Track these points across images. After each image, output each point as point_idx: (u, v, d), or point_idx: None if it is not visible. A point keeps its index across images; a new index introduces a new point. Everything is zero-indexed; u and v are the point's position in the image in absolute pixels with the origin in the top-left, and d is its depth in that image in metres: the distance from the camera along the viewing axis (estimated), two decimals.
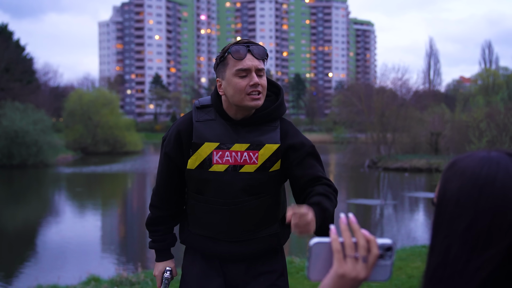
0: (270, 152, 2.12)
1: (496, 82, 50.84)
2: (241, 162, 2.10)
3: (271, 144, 2.12)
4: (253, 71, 2.04)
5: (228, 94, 2.08)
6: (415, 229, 13.97)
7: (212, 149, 2.10)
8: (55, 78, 68.61)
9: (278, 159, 2.13)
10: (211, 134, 2.11)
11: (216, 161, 2.10)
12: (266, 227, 2.20)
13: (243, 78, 2.04)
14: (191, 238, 2.25)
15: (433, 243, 0.89)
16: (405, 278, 5.82)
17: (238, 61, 2.04)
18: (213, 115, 2.15)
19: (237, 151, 2.10)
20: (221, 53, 2.10)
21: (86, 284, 6.26)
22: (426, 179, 25.50)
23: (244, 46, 2.06)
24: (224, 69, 2.09)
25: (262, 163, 2.11)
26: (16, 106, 34.96)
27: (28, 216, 16.93)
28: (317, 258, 0.95)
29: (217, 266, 2.21)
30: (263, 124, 2.15)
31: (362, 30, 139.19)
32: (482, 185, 0.84)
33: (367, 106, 37.18)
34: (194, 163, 2.12)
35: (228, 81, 2.06)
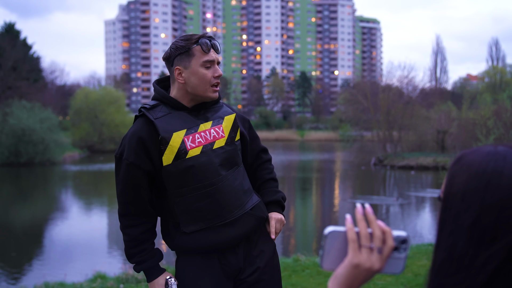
0: (230, 122, 2.31)
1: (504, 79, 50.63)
2: (212, 139, 2.22)
3: (228, 115, 2.32)
4: (216, 63, 2.22)
5: (192, 83, 2.20)
6: (421, 227, 13.93)
7: (182, 136, 2.16)
8: (61, 77, 68.96)
9: (238, 127, 2.34)
10: (175, 124, 2.18)
11: (190, 146, 2.16)
12: (249, 198, 2.31)
13: (208, 69, 2.20)
14: (187, 239, 2.22)
15: (439, 238, 0.88)
16: (412, 276, 5.80)
17: (205, 53, 2.19)
18: (166, 110, 2.22)
19: (205, 130, 2.22)
20: (184, 43, 2.20)
21: (93, 281, 6.27)
22: (432, 177, 25.43)
23: (209, 40, 2.22)
24: (188, 59, 2.19)
25: (228, 134, 2.28)
26: (23, 104, 35.13)
27: (35, 214, 17.00)
28: (331, 247, 0.94)
29: (216, 262, 2.23)
30: (212, 106, 2.31)
31: (368, 27, 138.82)
32: (489, 180, 0.84)
33: (373, 104, 37.11)
34: (170, 157, 2.14)
35: (194, 71, 2.19)
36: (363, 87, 40.08)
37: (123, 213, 2.27)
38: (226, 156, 2.23)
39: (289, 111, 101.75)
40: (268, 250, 2.32)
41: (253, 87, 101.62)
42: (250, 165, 2.48)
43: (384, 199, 18.73)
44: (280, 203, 2.43)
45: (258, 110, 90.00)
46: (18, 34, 44.12)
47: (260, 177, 2.48)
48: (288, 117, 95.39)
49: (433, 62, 74.24)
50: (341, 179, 27.72)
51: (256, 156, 2.49)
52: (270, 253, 2.33)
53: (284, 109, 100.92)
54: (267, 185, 2.47)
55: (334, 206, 17.81)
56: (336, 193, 21.73)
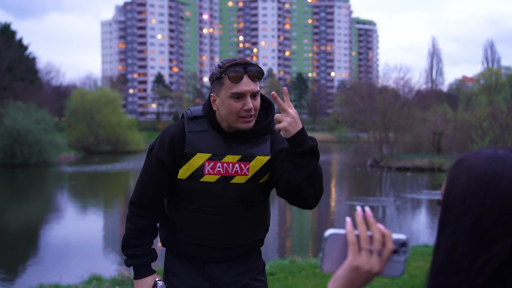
0: (261, 164, 2.15)
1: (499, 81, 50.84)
2: (233, 173, 2.12)
3: (262, 156, 2.15)
4: (248, 95, 2.06)
5: (222, 113, 2.11)
6: (417, 228, 13.96)
7: (204, 159, 2.11)
8: (57, 78, 68.90)
9: (268, 170, 2.17)
10: (203, 145, 2.12)
11: (208, 172, 2.11)
12: (254, 235, 2.26)
13: (237, 101, 2.06)
14: (178, 244, 2.25)
15: (439, 240, 0.88)
16: (407, 277, 5.81)
17: (234, 84, 2.04)
18: (205, 126, 2.16)
19: (229, 163, 2.12)
20: (218, 71, 2.09)
21: (88, 283, 6.25)
22: (428, 179, 25.49)
23: (242, 68, 2.05)
24: (219, 87, 2.09)
25: (253, 175, 2.14)
26: (19, 105, 35.07)
27: (30, 215, 16.96)
28: (331, 249, 0.95)
29: (201, 268, 2.23)
30: (253, 138, 2.17)
31: (365, 29, 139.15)
32: (489, 183, 0.84)
33: (370, 105, 37.20)
34: (186, 173, 2.13)
35: (223, 101, 2.08)
36: (360, 88, 40.17)
37: (135, 202, 2.24)
38: (242, 193, 2.15)
39: None
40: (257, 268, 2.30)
41: None
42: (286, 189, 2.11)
43: (381, 200, 18.76)
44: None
45: None
46: (14, 34, 44.04)
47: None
48: None
49: (429, 64, 74.46)
50: (338, 180, 27.76)
51: None
52: (259, 270, 2.30)
53: None
54: None
55: (331, 207, 17.82)
56: (333, 194, 21.75)
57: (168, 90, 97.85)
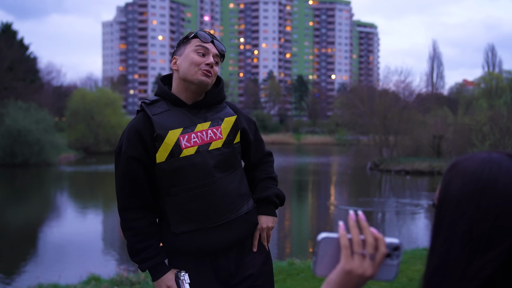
0: (230, 124, 2.25)
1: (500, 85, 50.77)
2: (208, 140, 2.18)
3: (229, 117, 2.27)
4: (211, 53, 2.21)
5: (182, 68, 2.19)
6: (416, 232, 13.94)
7: (177, 135, 2.13)
8: (58, 78, 68.71)
9: (238, 130, 2.28)
10: (172, 122, 2.15)
11: (185, 145, 2.13)
12: (244, 203, 2.26)
13: (200, 56, 2.18)
14: (177, 241, 2.17)
15: (434, 245, 0.89)
16: (406, 280, 5.80)
17: (202, 42, 2.20)
18: (166, 106, 2.20)
19: (202, 131, 2.18)
20: (186, 35, 2.28)
21: (87, 283, 6.25)
22: (428, 182, 25.46)
23: (210, 35, 2.24)
24: (184, 47, 2.23)
25: (226, 136, 2.22)
26: (19, 105, 35.02)
27: (29, 215, 16.95)
28: (324, 253, 0.95)
29: (208, 266, 2.19)
30: (214, 106, 2.27)
31: (366, 32, 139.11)
32: (484, 187, 0.84)
33: (370, 108, 37.16)
34: (163, 154, 2.11)
35: (186, 56, 2.20)
36: (360, 91, 40.13)
37: (124, 208, 2.19)
38: (222, 158, 2.18)
39: (286, 115, 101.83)
40: (261, 256, 2.29)
41: (250, 90, 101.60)
42: (251, 168, 2.43)
43: (381, 203, 18.74)
44: (269, 199, 2.33)
45: (254, 113, 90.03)
46: (15, 34, 44.02)
47: (256, 177, 2.40)
48: (285, 120, 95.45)
49: (429, 67, 74.37)
50: (337, 183, 27.73)
51: (258, 160, 2.43)
52: (263, 259, 2.29)
53: (280, 113, 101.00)
54: (261, 183, 2.39)
55: (330, 210, 17.81)
56: (332, 197, 21.74)
57: None
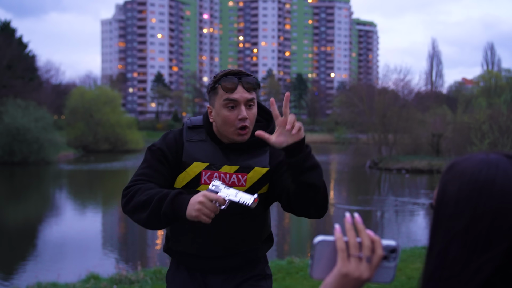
0: (259, 175, 2.12)
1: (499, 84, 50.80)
2: (229, 184, 2.09)
3: (260, 167, 2.12)
4: (242, 104, 2.03)
5: (217, 124, 2.09)
6: (415, 230, 13.96)
7: (201, 169, 2.08)
8: (57, 76, 68.83)
9: (266, 182, 2.14)
10: (201, 154, 2.10)
11: (205, 181, 2.08)
12: (247, 246, 2.20)
13: (231, 111, 2.03)
14: (172, 252, 2.24)
15: (432, 245, 0.88)
16: (405, 279, 5.81)
17: (228, 93, 2.02)
18: (203, 136, 2.15)
19: (226, 173, 2.09)
20: (212, 82, 2.08)
21: (86, 282, 6.25)
22: (427, 181, 25.48)
23: (236, 78, 2.03)
24: (214, 98, 2.08)
25: (250, 186, 2.10)
26: (18, 103, 35.00)
27: (28, 213, 16.94)
28: (320, 256, 0.94)
29: (199, 278, 2.20)
30: (251, 150, 2.14)
31: (365, 30, 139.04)
32: (481, 188, 0.84)
33: (369, 106, 37.17)
34: (182, 182, 2.10)
35: (218, 112, 2.06)
36: (359, 90, 40.14)
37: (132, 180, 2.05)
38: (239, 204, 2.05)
39: None
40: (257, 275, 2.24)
41: None
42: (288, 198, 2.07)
43: (380, 201, 18.76)
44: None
45: None
46: (14, 32, 43.93)
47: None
48: None
49: (428, 65, 74.37)
50: (336, 181, 27.74)
51: None
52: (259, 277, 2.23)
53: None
54: None
55: (329, 209, 17.82)
56: (331, 195, 21.76)
57: (168, 90, 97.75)
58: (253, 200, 1.81)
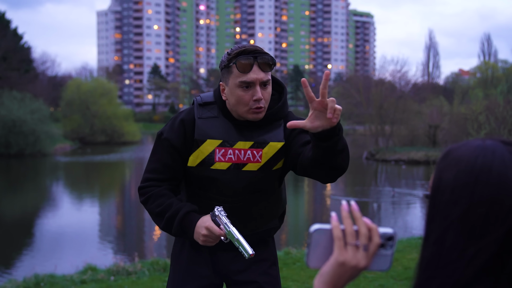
0: (274, 150, 2.07)
1: (495, 75, 50.82)
2: (244, 160, 2.06)
3: (275, 142, 2.07)
4: (257, 84, 1.97)
5: (230, 102, 2.03)
6: (411, 220, 14.01)
7: (214, 146, 2.05)
8: (53, 68, 68.51)
9: (282, 157, 2.10)
10: (214, 131, 2.06)
11: (219, 159, 2.05)
12: (263, 224, 2.18)
13: (245, 91, 1.98)
14: None
15: (428, 233, 0.88)
16: (401, 269, 5.83)
17: (242, 73, 1.96)
18: (215, 112, 2.10)
19: (240, 149, 2.05)
20: (226, 59, 2.01)
21: (83, 273, 6.25)
22: (423, 172, 25.55)
23: (252, 57, 1.96)
24: (228, 76, 2.02)
25: (265, 162, 2.07)
26: (14, 95, 34.86)
27: (25, 206, 16.93)
28: (317, 245, 0.94)
29: (206, 255, 2.18)
30: (265, 124, 2.10)
31: (362, 21, 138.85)
32: (478, 175, 0.83)
33: (366, 98, 37.20)
34: (195, 160, 2.06)
35: (231, 90, 2.01)
36: (356, 81, 40.17)
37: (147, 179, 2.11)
38: (254, 181, 2.07)
39: None
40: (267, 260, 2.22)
41: None
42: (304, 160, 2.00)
43: (378, 192, 18.81)
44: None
45: None
46: (9, 23, 43.66)
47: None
48: None
49: (425, 57, 74.28)
50: None
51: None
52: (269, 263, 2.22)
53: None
54: None
55: (325, 199, 17.86)
56: (328, 186, 21.79)
57: (164, 81, 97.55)
58: (249, 255, 1.85)
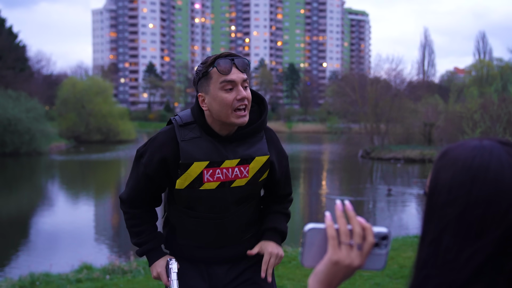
0: (260, 164, 2.11)
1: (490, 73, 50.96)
2: (233, 177, 2.07)
3: (260, 156, 2.10)
4: (239, 84, 1.99)
5: (214, 109, 2.01)
6: (407, 219, 14.03)
7: (202, 168, 2.03)
8: (48, 66, 68.26)
9: (267, 169, 2.14)
10: (199, 153, 2.03)
11: (207, 180, 2.05)
12: (251, 230, 2.24)
13: (229, 92, 1.98)
14: (178, 248, 2.24)
15: (424, 233, 0.88)
16: (397, 267, 5.85)
17: (223, 75, 1.98)
18: (198, 132, 2.07)
19: (228, 168, 2.06)
20: (203, 68, 2.03)
21: (79, 272, 6.25)
22: (419, 170, 25.60)
23: (229, 60, 2.00)
24: (207, 83, 2.01)
25: (252, 176, 2.10)
26: (9, 94, 34.75)
27: (20, 204, 16.89)
28: (311, 244, 0.94)
29: (203, 269, 2.21)
30: (248, 138, 2.11)
31: (357, 20, 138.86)
32: (475, 175, 0.83)
33: (361, 96, 37.22)
34: (184, 183, 2.05)
35: (213, 96, 2.00)
36: (351, 79, 40.17)
37: (125, 200, 2.20)
38: (243, 195, 2.12)
39: (277, 103, 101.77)
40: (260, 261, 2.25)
41: None
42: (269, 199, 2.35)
43: (373, 190, 18.84)
44: (278, 230, 2.26)
45: None
46: (3, 22, 43.52)
47: (273, 208, 2.32)
48: (276, 108, 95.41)
49: (421, 55, 74.53)
50: (328, 171, 27.82)
51: (281, 197, 2.34)
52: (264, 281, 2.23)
53: (272, 101, 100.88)
54: (276, 215, 2.31)
55: (321, 198, 17.88)
56: (323, 185, 21.81)
57: (160, 80, 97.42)
58: None
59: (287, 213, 2.34)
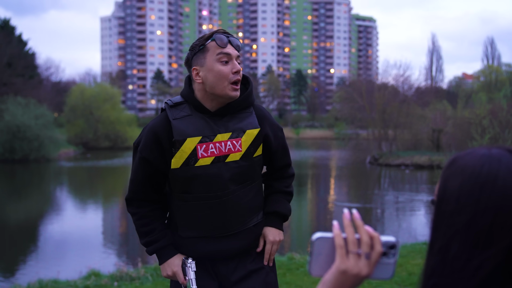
0: (252, 137, 2.15)
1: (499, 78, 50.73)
2: (226, 151, 2.11)
3: (251, 129, 2.16)
4: (234, 58, 2.10)
5: (209, 81, 2.08)
6: (415, 225, 13.96)
7: (195, 143, 2.08)
8: (57, 73, 68.84)
9: (260, 143, 2.18)
10: (191, 129, 2.09)
11: (202, 155, 2.08)
12: (254, 216, 2.23)
13: (225, 65, 2.08)
14: (181, 242, 2.21)
15: (433, 241, 0.88)
16: (406, 275, 5.81)
17: (220, 47, 2.07)
18: (188, 110, 2.13)
19: (221, 142, 2.10)
20: (200, 41, 2.12)
21: (87, 279, 6.26)
22: (427, 176, 25.48)
23: (225, 36, 2.11)
24: (204, 55, 2.09)
25: (246, 149, 2.14)
26: (18, 101, 35.01)
27: (29, 211, 16.96)
28: (319, 253, 0.94)
29: (209, 268, 2.20)
30: (239, 112, 2.17)
31: (364, 26, 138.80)
32: (483, 183, 0.83)
33: (369, 102, 37.14)
34: (179, 161, 2.08)
35: (210, 68, 2.08)
36: (359, 85, 40.10)
37: (130, 198, 2.23)
38: (239, 171, 2.13)
39: (285, 109, 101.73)
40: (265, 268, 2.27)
41: None
42: (272, 175, 2.37)
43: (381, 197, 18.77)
44: (279, 214, 2.29)
45: None
46: (13, 30, 43.87)
47: (274, 187, 2.35)
48: (284, 115, 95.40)
49: (428, 61, 74.19)
50: (336, 177, 27.75)
51: (280, 169, 2.36)
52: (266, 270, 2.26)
53: (279, 107, 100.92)
54: (275, 195, 2.33)
55: (329, 204, 17.83)
56: (331, 191, 21.75)
57: (168, 86, 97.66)
58: None
59: (288, 191, 2.36)
